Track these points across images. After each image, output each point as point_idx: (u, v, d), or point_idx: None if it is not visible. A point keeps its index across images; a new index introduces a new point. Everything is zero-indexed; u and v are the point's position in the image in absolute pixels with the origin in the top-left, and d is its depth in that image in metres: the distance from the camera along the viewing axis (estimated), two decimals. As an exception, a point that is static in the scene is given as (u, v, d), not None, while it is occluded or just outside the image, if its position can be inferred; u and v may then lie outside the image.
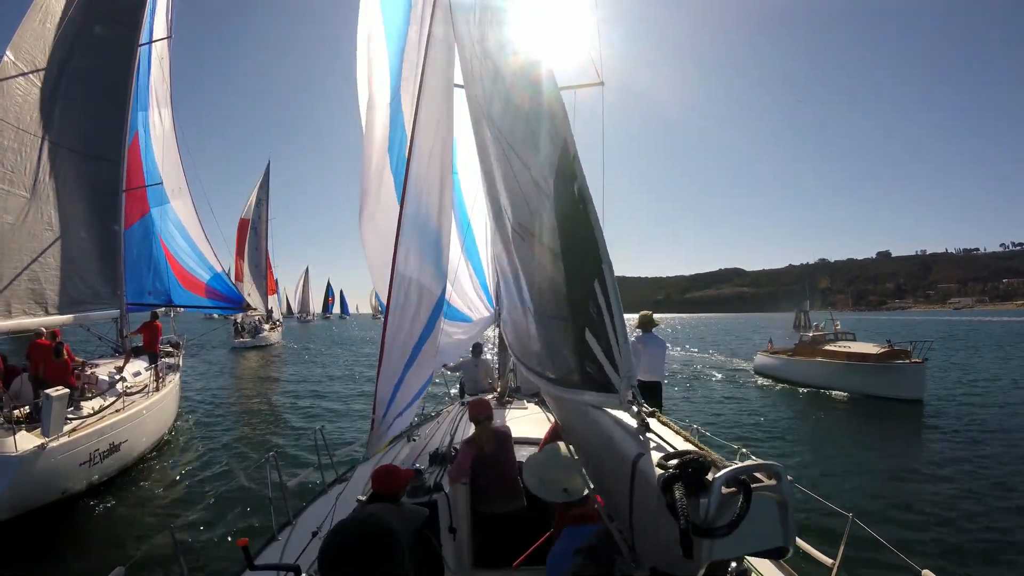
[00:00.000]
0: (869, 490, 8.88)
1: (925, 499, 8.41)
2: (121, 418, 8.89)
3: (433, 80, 3.70)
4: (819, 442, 12.37)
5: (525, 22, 2.48)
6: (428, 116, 3.69)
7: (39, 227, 10.32)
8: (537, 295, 2.48)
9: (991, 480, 9.29)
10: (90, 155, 11.38)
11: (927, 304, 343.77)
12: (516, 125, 2.35)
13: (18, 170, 9.95)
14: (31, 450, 6.94)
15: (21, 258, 10.01)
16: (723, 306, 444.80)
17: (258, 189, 45.25)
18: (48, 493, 7.30)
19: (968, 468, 9.94)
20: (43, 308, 10.30)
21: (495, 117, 2.59)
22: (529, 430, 4.98)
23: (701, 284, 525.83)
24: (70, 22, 10.82)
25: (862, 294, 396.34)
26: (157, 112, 13.46)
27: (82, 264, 11.17)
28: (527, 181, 2.19)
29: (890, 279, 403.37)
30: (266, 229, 45.74)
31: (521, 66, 2.39)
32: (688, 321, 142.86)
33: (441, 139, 3.95)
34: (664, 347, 6.61)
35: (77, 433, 7.81)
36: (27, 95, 10.19)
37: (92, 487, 8.16)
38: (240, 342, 36.97)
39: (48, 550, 6.62)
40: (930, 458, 10.73)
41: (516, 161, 2.30)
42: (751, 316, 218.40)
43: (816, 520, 6.93)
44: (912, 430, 13.47)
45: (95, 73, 11.41)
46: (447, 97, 4.04)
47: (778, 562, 3.43)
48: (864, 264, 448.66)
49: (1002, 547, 6.77)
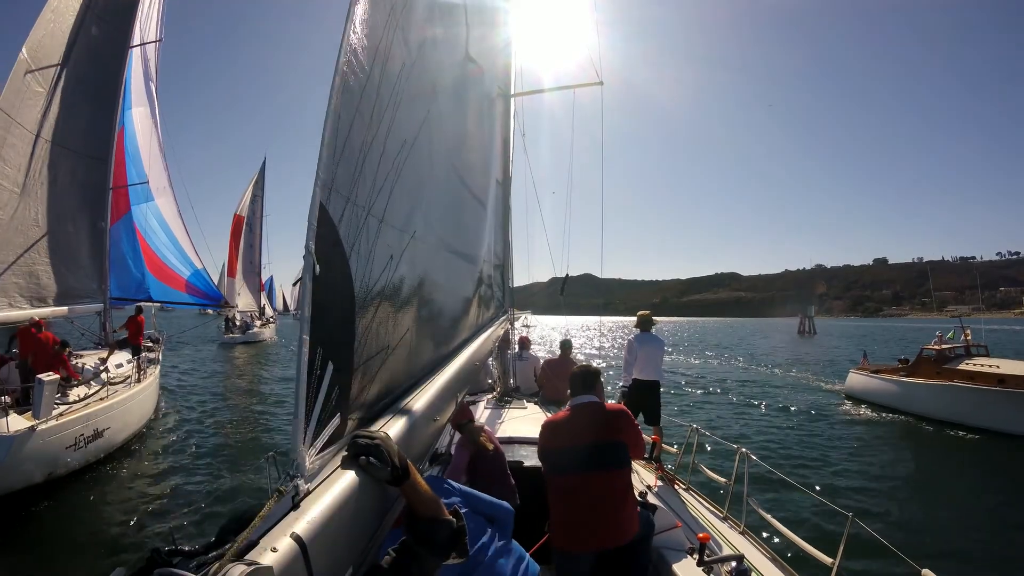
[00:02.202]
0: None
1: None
2: (105, 406, 9.37)
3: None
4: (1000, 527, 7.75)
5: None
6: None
7: (27, 222, 10.69)
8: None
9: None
10: (80, 153, 11.77)
11: (924, 311, 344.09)
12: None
13: (12, 165, 10.34)
14: (23, 430, 7.38)
15: (9, 252, 10.39)
16: (720, 310, 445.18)
17: (253, 185, 45.16)
18: (37, 473, 7.74)
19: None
20: (29, 301, 10.71)
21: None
22: (529, 430, 4.87)
23: (697, 288, 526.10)
24: (70, 24, 11.26)
25: (859, 300, 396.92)
26: (142, 111, 13.88)
27: (69, 259, 11.56)
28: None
29: (887, 286, 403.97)
30: (260, 226, 45.65)
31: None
32: (689, 325, 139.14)
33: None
34: (663, 346, 6.50)
35: (64, 418, 8.24)
36: (29, 91, 10.61)
37: (77, 470, 8.58)
38: (230, 337, 37.07)
39: (35, 534, 6.93)
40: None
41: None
42: (749, 321, 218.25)
43: (816, 519, 6.84)
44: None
45: (88, 73, 11.82)
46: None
47: (778, 561, 3.51)
48: (860, 270, 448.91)
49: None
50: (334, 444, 1.78)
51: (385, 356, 2.31)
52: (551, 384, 7.19)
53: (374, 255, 2.16)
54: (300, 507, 1.45)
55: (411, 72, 2.81)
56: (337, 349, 1.83)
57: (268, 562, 1.21)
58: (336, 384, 1.80)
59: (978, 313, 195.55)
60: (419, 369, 2.92)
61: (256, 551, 1.24)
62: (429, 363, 3.14)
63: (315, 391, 1.66)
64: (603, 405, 3.18)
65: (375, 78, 2.27)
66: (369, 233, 2.10)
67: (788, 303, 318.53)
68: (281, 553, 1.25)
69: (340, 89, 1.90)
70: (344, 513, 1.56)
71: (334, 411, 1.80)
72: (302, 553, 1.32)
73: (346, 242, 1.89)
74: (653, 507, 3.58)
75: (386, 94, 2.43)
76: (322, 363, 1.70)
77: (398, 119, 2.54)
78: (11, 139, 10.27)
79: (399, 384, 2.54)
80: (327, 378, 1.73)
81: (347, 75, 1.96)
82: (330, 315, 1.79)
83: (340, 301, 1.89)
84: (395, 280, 2.41)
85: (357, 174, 2.01)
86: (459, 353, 3.70)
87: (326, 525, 1.46)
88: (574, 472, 3.04)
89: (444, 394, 2.84)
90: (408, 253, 2.58)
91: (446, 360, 3.28)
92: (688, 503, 4.47)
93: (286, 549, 1.27)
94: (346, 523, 1.60)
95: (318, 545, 1.38)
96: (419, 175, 2.93)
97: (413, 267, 2.67)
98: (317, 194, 1.70)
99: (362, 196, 2.03)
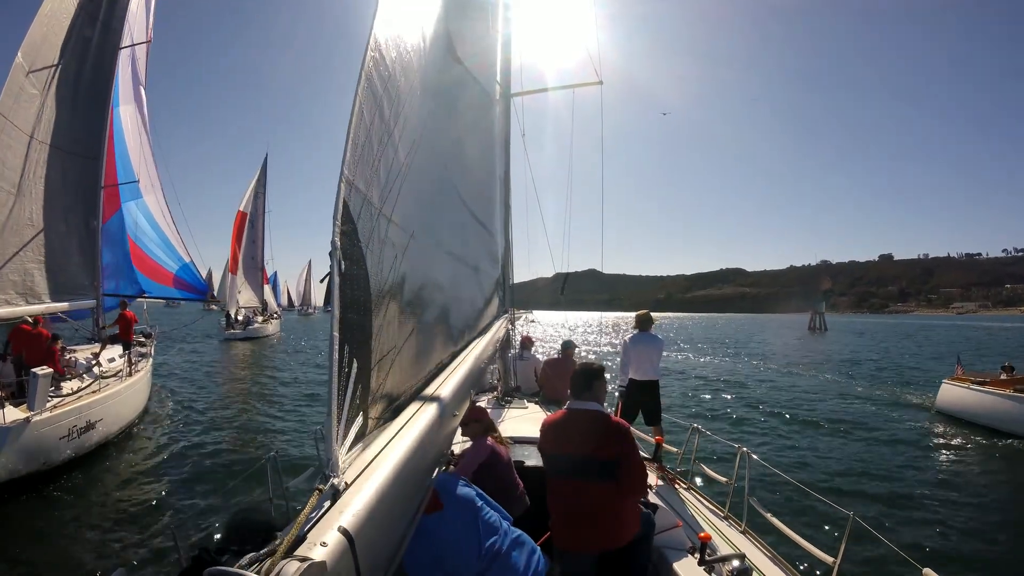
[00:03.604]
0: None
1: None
2: (97, 399, 9.64)
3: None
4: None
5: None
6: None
7: (22, 222, 10.91)
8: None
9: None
10: (72, 152, 12.02)
11: (930, 308, 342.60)
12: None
13: (9, 167, 10.58)
14: (19, 421, 7.70)
15: (5, 251, 10.61)
16: (726, 306, 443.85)
17: (255, 182, 45.23)
18: (32, 462, 8.04)
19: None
20: (24, 298, 10.93)
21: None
22: (530, 430, 4.88)
23: (702, 284, 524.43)
24: (63, 27, 11.48)
25: (864, 297, 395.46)
26: (130, 111, 14.25)
27: (62, 257, 11.82)
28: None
29: (892, 282, 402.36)
30: (263, 222, 45.79)
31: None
32: (694, 321, 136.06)
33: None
34: (661, 345, 6.56)
35: (58, 410, 8.53)
36: (24, 93, 10.81)
37: (70, 460, 8.85)
38: (230, 333, 37.12)
39: (31, 527, 7.01)
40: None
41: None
42: (756, 317, 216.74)
43: (817, 519, 6.84)
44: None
45: (80, 74, 12.07)
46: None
47: (780, 561, 3.54)
48: (866, 267, 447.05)
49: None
50: (360, 442, 1.85)
51: (395, 355, 2.38)
52: (551, 384, 7.22)
53: (383, 253, 2.21)
54: (340, 502, 1.52)
55: (420, 74, 2.82)
56: (359, 347, 1.88)
57: (319, 557, 1.25)
58: (359, 382, 1.85)
59: (984, 310, 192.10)
60: (427, 368, 2.94)
61: (305, 546, 1.28)
62: (435, 363, 3.17)
63: (344, 389, 1.71)
64: (606, 418, 3.09)
65: (396, 79, 2.30)
66: (380, 232, 2.13)
67: (794, 299, 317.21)
68: (331, 547, 1.30)
69: (364, 90, 1.98)
70: (383, 505, 1.62)
71: (358, 409, 1.86)
72: (350, 546, 1.36)
73: (363, 239, 1.94)
74: (654, 506, 3.58)
75: (402, 96, 2.47)
76: (349, 361, 1.75)
77: (408, 120, 2.60)
78: (8, 140, 10.48)
79: (410, 383, 2.60)
80: (353, 376, 1.78)
81: (371, 76, 2.05)
82: (353, 312, 1.85)
83: (361, 298, 1.95)
84: (399, 278, 2.49)
85: (373, 174, 2.04)
86: (464, 352, 3.70)
87: (370, 518, 1.52)
88: (570, 478, 3.03)
89: (459, 393, 2.86)
90: (410, 252, 2.60)
91: (452, 360, 3.28)
92: (689, 503, 4.48)
93: (335, 543, 1.32)
94: (385, 514, 1.69)
95: (363, 537, 1.43)
96: (423, 175, 2.94)
97: (414, 267, 2.70)
98: (341, 191, 1.71)
99: (376, 195, 2.06)
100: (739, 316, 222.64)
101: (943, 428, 13.07)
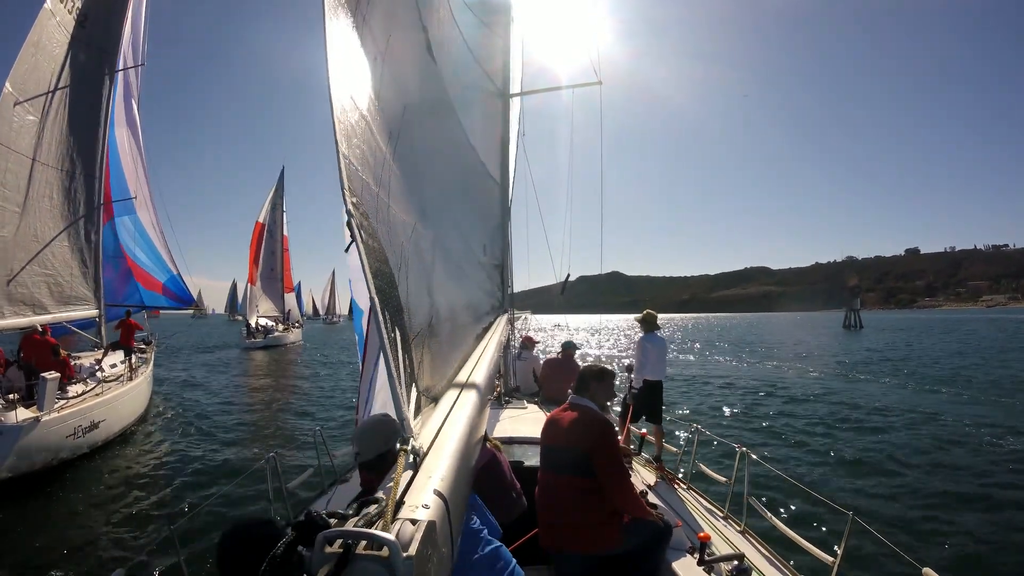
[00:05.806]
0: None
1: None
2: (100, 401, 10.48)
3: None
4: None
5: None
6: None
7: (27, 238, 11.58)
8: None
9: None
10: (72, 172, 12.84)
11: (958, 302, 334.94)
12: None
13: (13, 188, 11.24)
14: (29, 420, 8.51)
15: (13, 266, 11.25)
16: (751, 305, 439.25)
17: (273, 194, 46.04)
18: (42, 459, 8.80)
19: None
20: (32, 309, 11.55)
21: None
22: (529, 430, 4.93)
23: (726, 283, 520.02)
24: (53, 55, 12.12)
25: (892, 292, 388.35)
26: (124, 131, 15.19)
27: (65, 270, 12.57)
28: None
29: (919, 276, 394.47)
30: (281, 232, 46.50)
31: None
32: (719, 322, 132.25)
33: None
34: (666, 346, 6.53)
35: (64, 411, 9.34)
36: (21, 120, 11.45)
37: (76, 457, 9.57)
38: (251, 342, 37.79)
39: (35, 521, 7.27)
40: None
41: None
42: (784, 315, 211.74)
43: (817, 518, 6.76)
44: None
45: (77, 97, 12.79)
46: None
47: (779, 561, 3.55)
48: (892, 261, 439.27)
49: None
50: (420, 413, 1.93)
51: (426, 335, 2.43)
52: (551, 384, 7.20)
53: (392, 231, 2.20)
54: (425, 466, 1.60)
55: (418, 72, 2.84)
56: (396, 316, 1.93)
57: (424, 517, 1.30)
58: (406, 353, 1.92)
59: (1014, 302, 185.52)
60: (454, 356, 3.08)
61: (407, 509, 1.34)
62: (461, 352, 3.32)
63: (395, 354, 1.76)
64: (590, 411, 3.10)
65: (399, 76, 2.32)
66: (383, 214, 2.14)
67: (820, 297, 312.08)
68: (433, 509, 1.36)
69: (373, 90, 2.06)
70: (460, 474, 1.70)
71: (412, 377, 1.94)
72: (445, 507, 1.43)
73: (372, 216, 1.93)
74: (654, 506, 3.53)
75: (402, 94, 2.56)
76: (391, 328, 1.78)
77: (408, 119, 2.65)
78: (11, 166, 11.15)
79: (443, 369, 2.66)
80: (399, 344, 1.84)
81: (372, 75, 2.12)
82: (381, 280, 1.84)
83: (384, 270, 1.93)
84: (412, 252, 2.48)
85: (375, 161, 2.10)
86: (481, 345, 3.76)
87: (455, 480, 1.60)
88: (554, 472, 3.09)
89: (488, 383, 3.02)
90: (412, 240, 2.63)
91: (469, 356, 3.37)
92: (688, 502, 4.48)
93: (435, 505, 1.39)
94: (463, 482, 1.79)
95: (453, 496, 1.51)
96: (422, 172, 2.98)
97: (419, 253, 2.73)
98: (341, 166, 1.71)
99: (373, 180, 2.08)
100: (767, 315, 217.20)
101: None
